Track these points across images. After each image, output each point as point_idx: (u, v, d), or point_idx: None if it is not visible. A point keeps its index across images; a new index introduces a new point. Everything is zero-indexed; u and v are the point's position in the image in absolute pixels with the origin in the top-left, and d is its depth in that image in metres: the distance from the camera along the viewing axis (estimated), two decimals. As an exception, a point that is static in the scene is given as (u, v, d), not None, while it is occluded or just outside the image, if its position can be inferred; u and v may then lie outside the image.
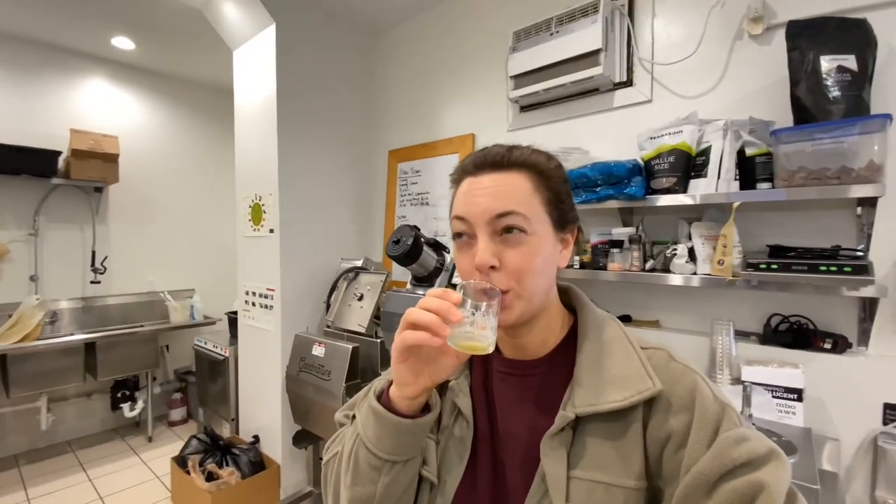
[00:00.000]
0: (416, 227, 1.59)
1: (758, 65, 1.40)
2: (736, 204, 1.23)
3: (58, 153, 2.83)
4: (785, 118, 1.25)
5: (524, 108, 1.96)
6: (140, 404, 3.10)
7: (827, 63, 1.15)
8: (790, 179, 1.18)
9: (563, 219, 0.56)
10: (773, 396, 1.12)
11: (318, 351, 1.93)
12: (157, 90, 3.46)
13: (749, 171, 1.29)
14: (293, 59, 2.25)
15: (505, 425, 0.56)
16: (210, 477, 2.13)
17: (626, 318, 1.68)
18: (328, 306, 2.17)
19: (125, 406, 3.06)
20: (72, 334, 2.84)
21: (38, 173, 2.75)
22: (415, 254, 1.54)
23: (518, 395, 0.57)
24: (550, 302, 0.57)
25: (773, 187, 1.23)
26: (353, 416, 0.59)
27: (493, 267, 0.51)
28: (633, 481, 0.47)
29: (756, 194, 1.24)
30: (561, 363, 0.56)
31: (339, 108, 2.49)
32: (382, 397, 0.54)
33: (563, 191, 0.56)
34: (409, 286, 1.73)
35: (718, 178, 1.31)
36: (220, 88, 3.67)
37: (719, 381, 1.27)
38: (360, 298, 2.06)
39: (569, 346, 0.56)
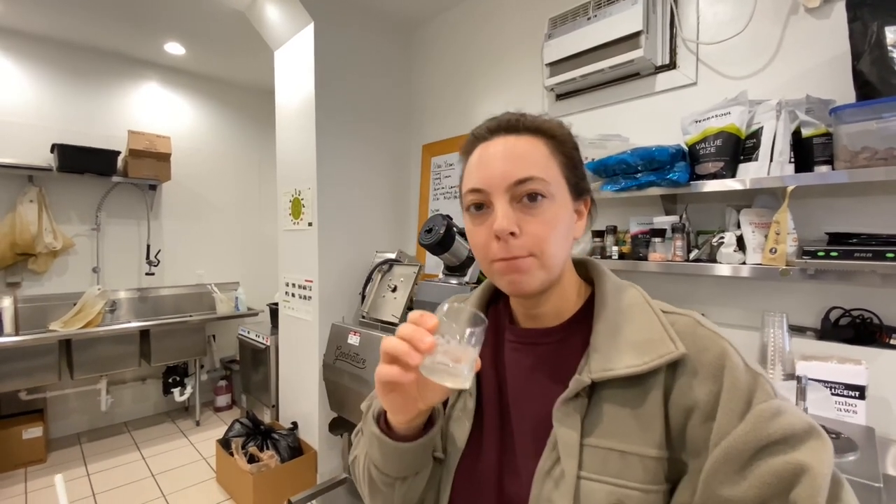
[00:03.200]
0: (448, 216, 1.59)
1: (815, 40, 1.30)
2: (790, 188, 1.15)
3: (117, 153, 3.04)
4: (846, 96, 1.16)
5: (560, 97, 1.91)
6: (189, 390, 3.27)
7: (892, 34, 1.05)
8: (852, 161, 1.09)
9: (578, 186, 0.54)
10: (833, 394, 1.04)
11: (353, 340, 1.96)
12: (205, 92, 3.64)
13: (805, 153, 1.20)
14: (331, 57, 2.31)
15: (516, 395, 0.54)
16: (251, 459, 2.22)
17: (667, 312, 1.61)
18: (363, 297, 2.20)
19: (175, 391, 3.24)
20: (129, 322, 3.04)
21: (100, 172, 2.95)
22: (447, 243, 1.54)
23: (531, 364, 0.54)
24: (565, 271, 0.54)
25: (833, 170, 1.14)
26: (369, 407, 0.58)
27: (512, 234, 0.48)
28: (653, 450, 0.44)
29: (814, 177, 1.15)
30: (577, 332, 0.53)
31: (375, 103, 2.52)
32: (381, 421, 0.52)
33: (577, 158, 0.55)
34: (441, 276, 1.74)
35: (771, 161, 1.23)
36: (263, 90, 3.82)
37: (771, 377, 1.19)
38: (394, 290, 2.08)
39: (586, 315, 0.54)
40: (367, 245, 2.48)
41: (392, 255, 2.26)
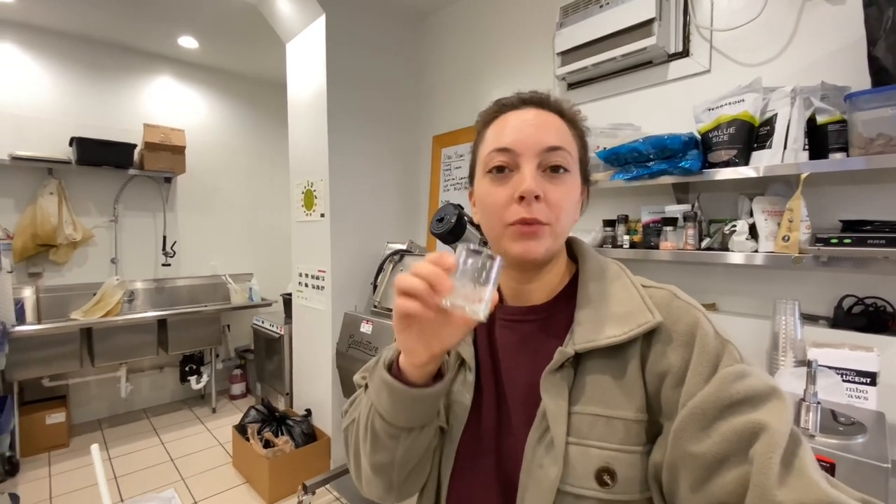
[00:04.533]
0: (459, 205, 1.60)
1: (830, 26, 1.29)
2: (804, 175, 1.15)
3: (133, 146, 3.10)
4: (862, 83, 1.15)
5: (572, 86, 1.91)
6: (205, 378, 3.35)
7: (911, 18, 1.04)
8: (867, 148, 1.09)
9: (585, 172, 0.58)
10: (844, 380, 1.04)
11: (365, 328, 2.00)
12: (218, 86, 3.68)
13: (820, 140, 1.20)
14: (342, 49, 2.32)
15: (508, 370, 0.57)
16: (267, 445, 2.28)
17: (678, 301, 1.62)
18: (375, 287, 2.24)
19: (192, 379, 3.32)
20: (146, 312, 3.11)
21: (117, 165, 3.01)
22: (458, 231, 1.55)
23: (520, 339, 0.57)
24: (562, 247, 0.58)
25: (848, 157, 1.14)
26: (378, 359, 0.58)
27: (537, 197, 0.50)
28: (634, 413, 0.47)
29: (828, 164, 1.14)
30: (563, 308, 0.56)
31: (386, 94, 2.54)
32: (393, 368, 0.52)
33: (587, 147, 0.59)
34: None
35: (785, 148, 1.22)
36: (275, 82, 3.85)
37: (782, 364, 1.20)
38: (406, 279, 2.11)
39: (571, 292, 0.56)
40: (378, 235, 2.51)
41: (403, 246, 2.29)
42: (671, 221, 1.45)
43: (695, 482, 0.42)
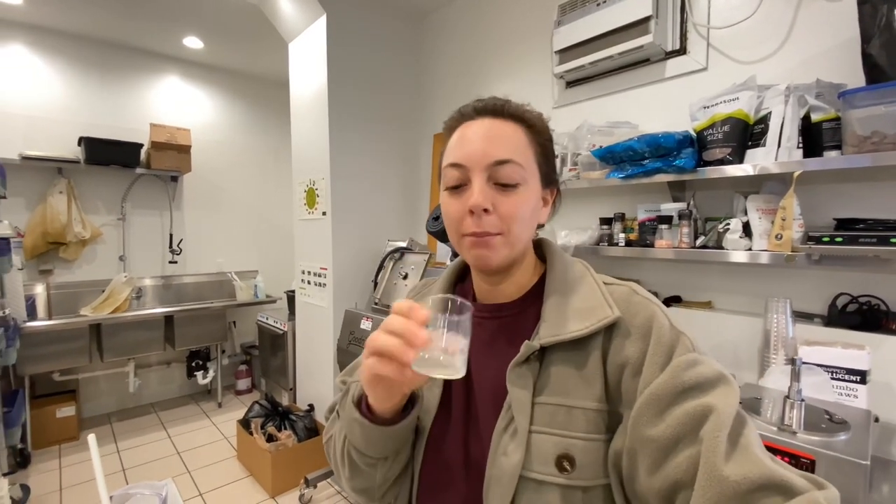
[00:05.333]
0: (457, 204, 1.62)
1: (826, 23, 1.28)
2: (797, 173, 1.15)
3: (140, 145, 3.15)
4: (857, 80, 1.14)
5: (570, 84, 1.91)
6: (211, 373, 3.40)
7: (905, 16, 1.04)
8: (861, 146, 1.08)
9: (548, 176, 0.58)
10: (833, 378, 1.04)
11: (365, 325, 2.02)
12: (222, 85, 3.72)
13: (814, 138, 1.19)
14: (343, 48, 2.34)
15: (478, 364, 0.58)
16: (270, 439, 2.32)
17: (676, 300, 1.62)
18: (375, 284, 2.26)
19: (198, 374, 3.38)
20: (154, 308, 3.17)
21: (124, 164, 3.07)
22: (456, 230, 1.57)
23: (490, 335, 0.58)
24: (526, 251, 0.59)
25: (842, 155, 1.13)
26: (347, 391, 0.58)
27: (486, 210, 0.52)
28: (594, 403, 0.50)
29: (822, 162, 1.14)
30: (531, 305, 0.58)
31: (386, 93, 2.55)
32: (362, 405, 0.53)
33: (550, 149, 0.59)
34: (448, 263, 1.77)
35: (779, 146, 1.22)
36: (278, 82, 3.88)
37: (773, 362, 1.20)
38: (405, 277, 2.13)
39: (539, 290, 0.58)
40: (379, 233, 2.54)
41: (403, 244, 2.31)
42: (666, 219, 1.46)
43: (651, 465, 0.44)
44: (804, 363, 0.97)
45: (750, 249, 1.27)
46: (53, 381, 2.91)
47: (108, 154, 3.00)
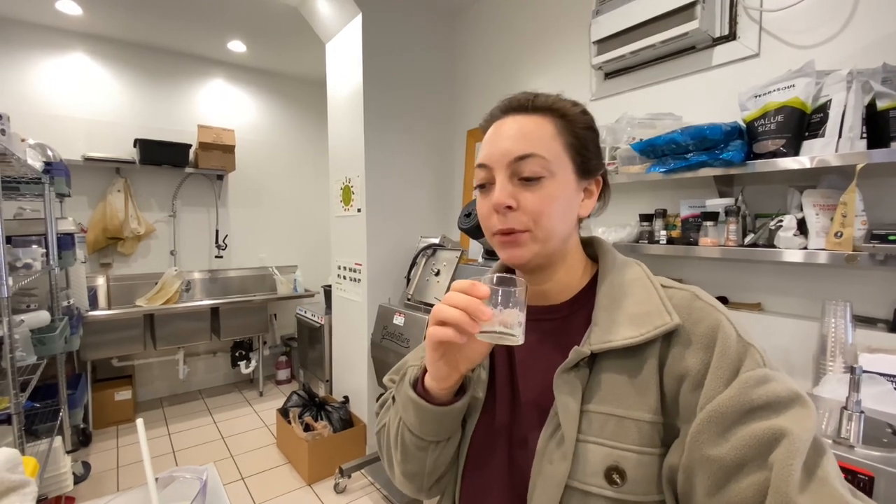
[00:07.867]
0: (490, 200, 1.60)
1: (892, 2, 1.16)
2: (860, 165, 1.06)
3: (189, 146, 3.31)
4: (934, 61, 1.04)
5: (608, 75, 1.85)
6: (253, 363, 3.55)
7: None
8: (936, 134, 0.98)
9: (586, 166, 0.55)
10: (899, 389, 0.96)
11: (398, 320, 2.05)
12: (264, 87, 3.85)
13: (880, 127, 1.09)
14: (377, 46, 2.36)
15: (524, 368, 0.57)
16: (307, 428, 2.39)
17: (722, 301, 1.52)
18: (408, 280, 2.28)
19: (242, 364, 3.54)
20: (201, 300, 3.34)
21: (175, 164, 3.24)
22: (488, 227, 1.56)
23: (538, 338, 0.56)
24: (569, 250, 0.56)
25: (914, 145, 1.03)
26: (403, 375, 0.60)
27: (509, 207, 0.51)
28: (648, 415, 0.47)
29: (889, 153, 1.04)
30: (581, 308, 0.55)
31: (421, 90, 2.56)
32: (418, 386, 0.55)
33: (588, 138, 0.55)
34: (480, 260, 1.76)
35: (839, 137, 1.12)
36: (316, 82, 3.98)
37: (830, 370, 1.12)
38: (438, 274, 2.13)
39: (591, 292, 0.56)
40: (412, 230, 2.55)
41: (436, 240, 2.31)
42: (712, 216, 1.38)
43: (711, 486, 0.41)
44: (865, 371, 0.89)
45: (805, 248, 1.19)
46: (112, 366, 3.13)
47: (160, 154, 3.18)
